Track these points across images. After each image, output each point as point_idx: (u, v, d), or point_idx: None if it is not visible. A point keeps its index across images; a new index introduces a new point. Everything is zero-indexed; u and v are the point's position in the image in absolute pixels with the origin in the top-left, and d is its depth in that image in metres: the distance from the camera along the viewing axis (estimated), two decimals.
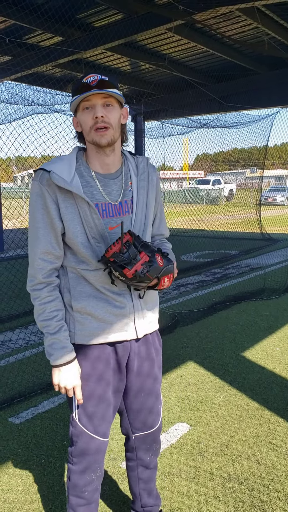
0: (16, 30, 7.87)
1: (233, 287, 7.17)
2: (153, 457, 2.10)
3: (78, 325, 1.80)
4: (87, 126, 1.72)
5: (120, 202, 1.80)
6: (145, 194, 1.86)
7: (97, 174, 1.79)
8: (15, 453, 2.88)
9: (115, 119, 1.73)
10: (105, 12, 7.55)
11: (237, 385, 3.75)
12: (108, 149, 1.76)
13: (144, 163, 1.91)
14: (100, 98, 1.70)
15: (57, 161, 1.76)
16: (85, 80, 1.69)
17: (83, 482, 1.90)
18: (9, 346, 4.71)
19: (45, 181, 1.71)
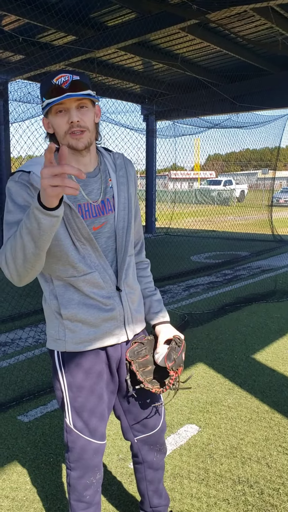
0: (30, 29, 7.90)
1: (244, 288, 7.13)
2: (158, 457, 2.05)
3: (69, 332, 1.74)
4: (62, 130, 1.63)
5: (103, 201, 1.74)
6: (126, 190, 1.80)
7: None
8: (24, 452, 2.88)
9: (90, 121, 1.65)
10: (119, 11, 7.55)
11: (247, 387, 3.72)
12: (84, 151, 1.69)
13: (121, 159, 1.84)
14: (74, 101, 1.60)
15: (34, 163, 1.67)
16: (56, 81, 1.58)
17: (83, 486, 1.86)
18: (19, 344, 4.72)
19: (25, 181, 1.62)
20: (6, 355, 4.44)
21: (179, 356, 1.79)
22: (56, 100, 1.57)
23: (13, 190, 1.64)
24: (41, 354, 4.42)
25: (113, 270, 1.77)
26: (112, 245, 1.76)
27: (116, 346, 1.82)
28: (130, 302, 1.83)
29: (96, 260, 1.72)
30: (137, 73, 11.31)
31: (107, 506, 2.40)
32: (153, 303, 1.97)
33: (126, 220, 1.78)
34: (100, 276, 1.73)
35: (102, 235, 1.74)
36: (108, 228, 1.75)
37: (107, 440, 2.96)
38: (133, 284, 1.86)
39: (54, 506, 2.41)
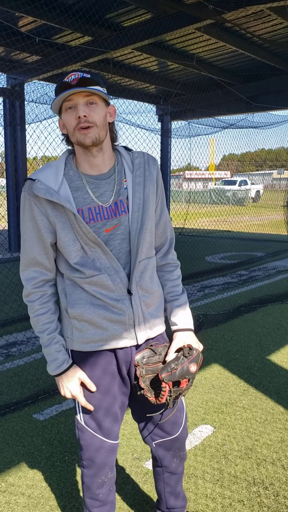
0: (47, 30, 7.96)
1: (259, 289, 7.09)
2: (178, 463, 2.02)
3: (76, 331, 1.75)
4: (71, 126, 1.65)
5: (116, 202, 1.72)
6: (141, 191, 1.75)
7: (86, 176, 1.71)
8: (40, 449, 2.91)
9: (99, 117, 1.64)
10: (134, 11, 7.57)
11: (262, 388, 3.71)
12: (94, 149, 1.68)
13: (140, 158, 1.80)
14: (82, 97, 1.61)
15: (45, 168, 1.71)
16: (66, 79, 1.62)
17: (96, 484, 1.87)
18: (34, 343, 4.76)
19: (31, 192, 1.66)
20: (22, 353, 4.49)
21: (182, 367, 1.71)
22: (61, 94, 1.59)
23: (23, 203, 1.72)
24: None
25: (126, 273, 1.74)
26: (126, 247, 1.74)
27: (125, 349, 1.79)
28: (144, 306, 1.78)
29: (107, 262, 1.70)
30: (153, 73, 11.32)
31: (122, 505, 2.41)
32: (174, 309, 1.90)
33: (140, 221, 1.73)
34: (110, 278, 1.71)
35: (115, 237, 1.72)
36: (122, 230, 1.73)
37: (122, 440, 2.97)
38: (151, 287, 1.82)
39: (70, 504, 2.43)
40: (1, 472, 2.69)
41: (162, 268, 1.94)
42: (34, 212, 1.68)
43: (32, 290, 1.76)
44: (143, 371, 1.76)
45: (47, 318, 1.77)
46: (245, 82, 11.36)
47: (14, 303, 6.20)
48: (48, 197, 1.63)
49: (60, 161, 1.74)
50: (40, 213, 1.68)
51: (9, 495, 2.49)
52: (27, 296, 1.78)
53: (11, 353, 4.52)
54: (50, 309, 1.78)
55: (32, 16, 7.00)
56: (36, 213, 1.68)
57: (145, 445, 2.90)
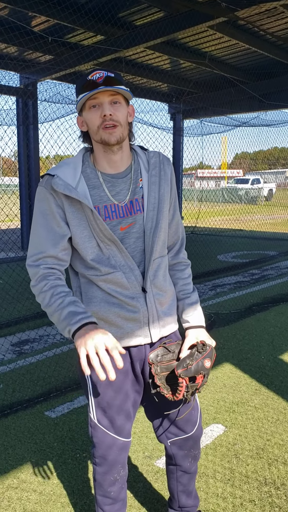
0: (60, 29, 7.99)
1: (272, 288, 7.05)
2: (192, 462, 2.02)
3: None
4: (95, 125, 1.66)
5: (131, 201, 1.74)
6: (156, 190, 1.77)
7: (104, 175, 1.73)
8: (51, 447, 2.93)
9: (123, 117, 1.67)
10: (147, 10, 7.57)
11: (274, 388, 3.69)
12: (116, 147, 1.69)
13: (156, 158, 1.81)
14: (107, 96, 1.63)
15: (62, 165, 1.72)
16: (91, 77, 1.63)
17: (108, 482, 1.87)
18: (47, 341, 4.79)
19: (50, 186, 1.67)
20: (34, 351, 4.52)
21: (197, 363, 1.72)
22: (89, 92, 1.60)
23: (40, 198, 1.71)
24: (69, 351, 4.47)
25: (140, 271, 1.75)
26: (141, 245, 1.75)
27: (139, 347, 1.80)
28: (158, 304, 1.80)
29: (122, 260, 1.72)
30: (165, 72, 11.30)
31: (132, 502, 2.42)
32: (185, 307, 1.91)
33: (154, 220, 1.75)
34: (124, 276, 1.72)
35: (130, 235, 1.73)
36: (137, 229, 1.74)
37: (133, 438, 2.98)
38: (164, 286, 1.83)
39: (81, 501, 2.44)
40: (13, 468, 2.71)
41: (173, 267, 1.95)
42: (52, 205, 1.68)
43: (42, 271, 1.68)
44: (158, 369, 1.77)
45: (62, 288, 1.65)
46: (258, 80, 11.28)
47: (26, 301, 6.24)
48: (67, 192, 1.64)
49: (77, 158, 1.75)
50: (58, 206, 1.68)
51: (21, 492, 2.51)
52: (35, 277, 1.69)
53: (23, 350, 4.55)
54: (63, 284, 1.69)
55: (45, 15, 7.02)
56: (54, 205, 1.68)
57: (156, 444, 2.90)
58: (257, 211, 21.44)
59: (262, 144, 15.79)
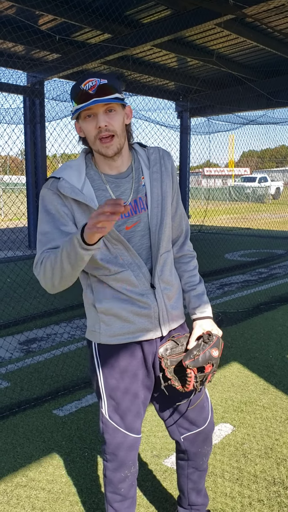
0: (67, 28, 7.99)
1: (280, 287, 7.02)
2: (204, 459, 2.04)
3: (103, 325, 1.79)
4: (91, 135, 1.66)
5: (135, 200, 1.75)
6: (159, 186, 1.78)
7: (107, 176, 1.74)
8: (59, 445, 2.93)
9: (119, 125, 1.65)
10: (154, 8, 7.55)
11: (283, 387, 3.67)
12: (115, 156, 1.70)
13: (156, 154, 1.82)
14: (101, 106, 1.61)
15: (66, 168, 1.72)
16: (84, 87, 1.60)
17: (118, 479, 1.89)
18: (54, 340, 4.80)
19: (55, 188, 1.67)
20: (42, 349, 4.53)
21: (204, 353, 1.75)
22: (82, 106, 1.59)
23: (45, 198, 1.70)
24: (76, 350, 4.48)
25: (148, 268, 1.77)
26: (147, 243, 1.77)
27: (151, 341, 1.83)
28: (166, 299, 1.82)
29: (129, 259, 1.74)
30: (172, 70, 11.27)
31: (141, 501, 2.41)
32: (192, 299, 1.94)
33: (159, 217, 1.77)
34: (133, 274, 1.74)
35: (135, 234, 1.75)
36: (142, 227, 1.76)
37: (141, 437, 2.98)
38: (170, 280, 1.86)
39: (89, 499, 2.44)
40: (22, 467, 2.72)
41: (179, 260, 1.97)
42: (57, 205, 1.68)
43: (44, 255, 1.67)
44: (168, 362, 1.79)
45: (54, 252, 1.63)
46: (265, 78, 11.23)
47: (34, 300, 6.26)
48: (74, 196, 1.65)
49: (80, 161, 1.76)
50: (64, 206, 1.68)
51: (30, 490, 2.52)
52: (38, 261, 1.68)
53: (31, 349, 4.56)
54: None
55: (52, 14, 7.03)
56: (60, 205, 1.68)
57: (164, 443, 2.90)
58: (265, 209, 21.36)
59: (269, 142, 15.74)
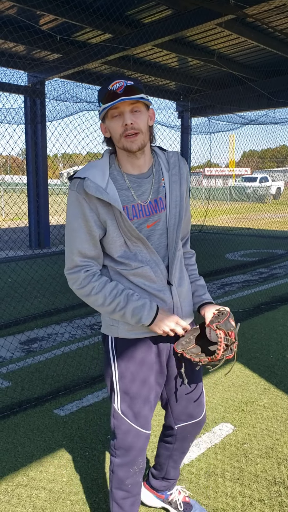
0: (68, 28, 7.99)
1: (280, 287, 7.02)
2: (189, 444, 2.19)
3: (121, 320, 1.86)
4: (117, 133, 1.75)
5: (156, 200, 1.84)
6: (178, 188, 1.88)
7: (129, 176, 1.83)
8: (60, 445, 2.94)
9: (143, 124, 1.76)
10: (155, 8, 7.55)
11: (284, 387, 3.67)
12: (138, 153, 1.79)
13: (175, 158, 1.92)
14: (128, 105, 1.71)
15: (90, 168, 1.79)
16: (111, 87, 1.71)
17: (126, 475, 1.93)
18: (55, 339, 4.81)
19: (82, 190, 1.74)
20: (43, 349, 4.53)
21: (225, 321, 1.80)
22: (111, 104, 1.70)
23: (74, 203, 1.78)
24: (77, 350, 4.48)
25: (164, 265, 1.86)
26: (164, 241, 1.86)
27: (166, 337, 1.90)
28: (180, 296, 1.91)
29: (148, 256, 1.83)
30: (173, 70, 11.27)
31: None
32: (198, 288, 2.05)
33: (177, 217, 1.87)
34: (152, 270, 1.83)
35: (155, 233, 1.84)
36: (161, 226, 1.85)
37: None
38: (183, 277, 1.96)
39: (90, 499, 2.44)
40: (23, 466, 2.73)
41: (183, 255, 2.09)
42: (85, 210, 1.76)
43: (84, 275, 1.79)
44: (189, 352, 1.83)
45: (111, 286, 1.80)
46: (266, 78, 11.23)
47: (35, 300, 6.27)
48: (99, 195, 1.72)
49: (104, 161, 1.83)
50: (90, 210, 1.76)
51: (31, 489, 2.52)
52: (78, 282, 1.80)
53: (32, 349, 4.57)
54: (107, 280, 1.82)
55: (53, 14, 7.03)
56: (87, 210, 1.76)
57: None
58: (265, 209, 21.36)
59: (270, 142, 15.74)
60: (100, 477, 2.62)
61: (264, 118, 12.80)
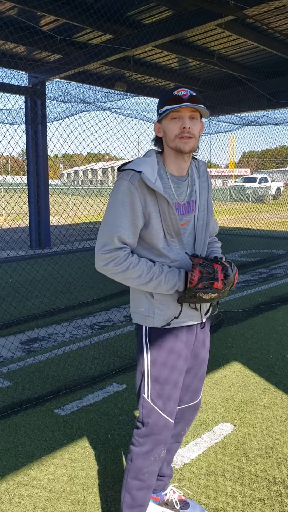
0: (69, 29, 7.99)
1: (280, 287, 7.03)
2: (185, 431, 2.31)
3: (157, 310, 1.98)
4: (173, 134, 1.90)
5: (188, 202, 2.02)
6: (206, 194, 2.08)
7: (172, 176, 1.99)
8: (61, 444, 2.95)
9: (197, 131, 1.93)
10: (155, 9, 7.56)
11: (283, 387, 3.68)
12: (186, 156, 1.96)
13: (203, 166, 2.12)
14: (189, 111, 1.89)
15: (142, 163, 1.92)
16: (177, 93, 1.89)
17: (145, 463, 2.03)
18: (56, 339, 4.82)
19: (136, 181, 1.87)
20: (44, 349, 4.54)
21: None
22: (176, 106, 1.86)
23: (125, 191, 1.89)
24: (78, 349, 4.50)
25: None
26: (192, 240, 2.04)
27: (192, 327, 2.06)
28: None
29: (180, 252, 1.99)
30: (173, 70, 11.28)
31: None
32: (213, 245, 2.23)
33: (205, 220, 2.06)
34: (185, 265, 1.98)
35: (186, 231, 2.01)
36: (190, 226, 2.03)
37: None
38: None
39: (91, 498, 2.45)
40: (23, 465, 2.74)
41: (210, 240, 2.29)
42: (135, 200, 1.88)
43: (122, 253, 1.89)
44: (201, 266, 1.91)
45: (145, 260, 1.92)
46: (266, 79, 11.24)
47: (35, 300, 6.28)
48: (155, 188, 1.87)
49: (153, 159, 1.97)
50: (139, 201, 1.89)
51: (31, 489, 2.53)
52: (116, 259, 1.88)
53: (32, 348, 4.58)
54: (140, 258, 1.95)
55: (53, 15, 7.04)
56: (137, 201, 1.89)
57: None
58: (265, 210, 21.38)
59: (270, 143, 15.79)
60: (100, 476, 2.63)
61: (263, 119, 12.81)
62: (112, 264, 1.90)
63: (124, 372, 3.95)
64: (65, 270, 7.82)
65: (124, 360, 4.19)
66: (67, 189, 25.88)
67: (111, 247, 1.89)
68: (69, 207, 21.17)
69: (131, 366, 4.06)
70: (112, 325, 5.29)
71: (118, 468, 2.71)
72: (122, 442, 2.97)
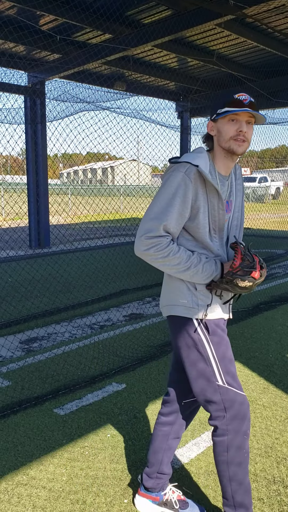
0: (68, 28, 7.99)
1: (279, 287, 7.03)
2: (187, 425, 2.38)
3: (201, 302, 2.07)
4: (228, 135, 1.99)
5: (227, 201, 2.13)
6: (241, 196, 2.20)
7: (219, 174, 2.09)
8: (60, 444, 2.95)
9: (251, 135, 2.03)
10: (155, 8, 7.56)
11: (283, 386, 3.69)
12: (236, 157, 2.05)
13: (239, 170, 2.24)
14: (246, 116, 1.98)
15: (197, 157, 2.01)
16: (238, 97, 1.97)
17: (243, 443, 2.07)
18: (55, 339, 4.82)
19: (192, 174, 1.96)
20: (43, 348, 4.54)
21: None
22: (237, 110, 1.94)
23: (180, 183, 1.97)
24: (77, 349, 4.50)
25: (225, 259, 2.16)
26: (225, 238, 2.15)
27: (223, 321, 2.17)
28: None
29: (220, 248, 2.11)
30: (172, 70, 11.28)
31: None
32: None
33: (239, 219, 2.21)
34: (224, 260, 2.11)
35: (227, 227, 2.14)
36: (227, 224, 2.15)
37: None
38: None
39: (90, 498, 2.45)
40: (22, 465, 2.74)
41: None
42: (188, 192, 1.97)
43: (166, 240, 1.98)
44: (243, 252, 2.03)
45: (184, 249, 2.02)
46: (265, 78, 11.24)
47: (35, 299, 6.28)
48: (212, 182, 1.97)
49: (205, 155, 2.06)
50: (191, 194, 1.98)
51: (31, 488, 2.53)
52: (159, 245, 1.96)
53: (32, 348, 4.58)
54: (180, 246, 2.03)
55: (53, 14, 7.04)
56: (189, 193, 1.97)
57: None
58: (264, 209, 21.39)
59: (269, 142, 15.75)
60: (100, 476, 2.63)
61: None
62: (153, 250, 1.98)
63: (124, 371, 3.95)
64: (65, 270, 7.82)
65: (123, 360, 4.19)
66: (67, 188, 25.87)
67: (155, 234, 1.96)
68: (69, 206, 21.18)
69: (130, 365, 4.06)
70: (111, 324, 5.29)
71: (117, 467, 2.71)
72: (121, 441, 2.97)
